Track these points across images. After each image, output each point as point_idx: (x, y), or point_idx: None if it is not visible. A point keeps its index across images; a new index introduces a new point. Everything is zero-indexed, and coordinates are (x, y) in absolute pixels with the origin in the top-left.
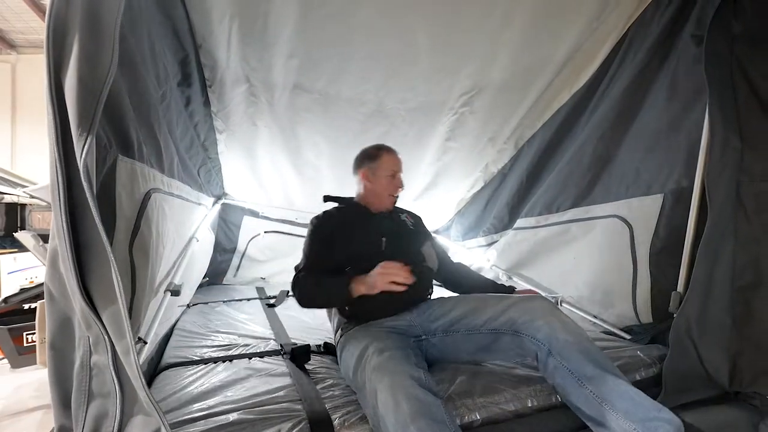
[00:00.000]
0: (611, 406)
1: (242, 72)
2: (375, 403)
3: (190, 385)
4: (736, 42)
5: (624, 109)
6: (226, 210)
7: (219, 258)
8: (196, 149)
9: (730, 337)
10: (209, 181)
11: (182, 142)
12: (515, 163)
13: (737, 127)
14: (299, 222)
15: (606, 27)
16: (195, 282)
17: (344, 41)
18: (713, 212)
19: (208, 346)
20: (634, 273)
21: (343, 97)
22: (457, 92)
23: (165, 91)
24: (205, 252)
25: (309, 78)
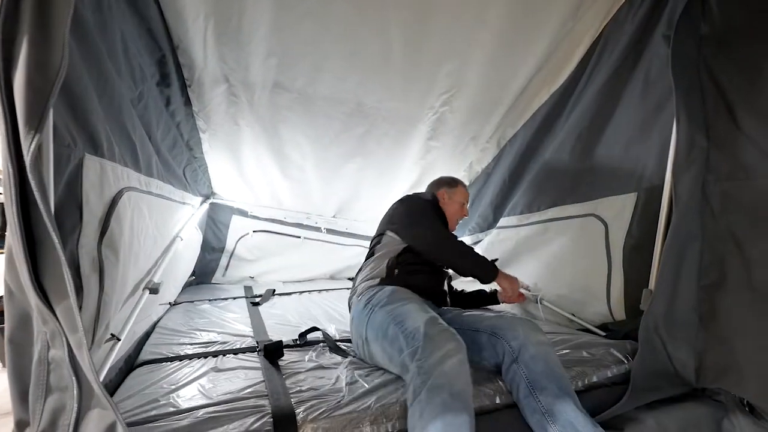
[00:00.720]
0: (553, 420)
1: (220, 72)
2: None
3: (162, 381)
4: (703, 43)
5: (600, 109)
6: (215, 209)
7: (208, 257)
8: (180, 149)
9: (696, 334)
10: (196, 180)
11: (164, 142)
12: (498, 162)
13: (704, 126)
14: (288, 221)
15: (582, 26)
16: (180, 281)
17: (320, 40)
18: (679, 211)
19: (187, 344)
20: (608, 271)
21: (322, 96)
22: (435, 91)
23: (142, 90)
24: (192, 251)
25: (288, 77)
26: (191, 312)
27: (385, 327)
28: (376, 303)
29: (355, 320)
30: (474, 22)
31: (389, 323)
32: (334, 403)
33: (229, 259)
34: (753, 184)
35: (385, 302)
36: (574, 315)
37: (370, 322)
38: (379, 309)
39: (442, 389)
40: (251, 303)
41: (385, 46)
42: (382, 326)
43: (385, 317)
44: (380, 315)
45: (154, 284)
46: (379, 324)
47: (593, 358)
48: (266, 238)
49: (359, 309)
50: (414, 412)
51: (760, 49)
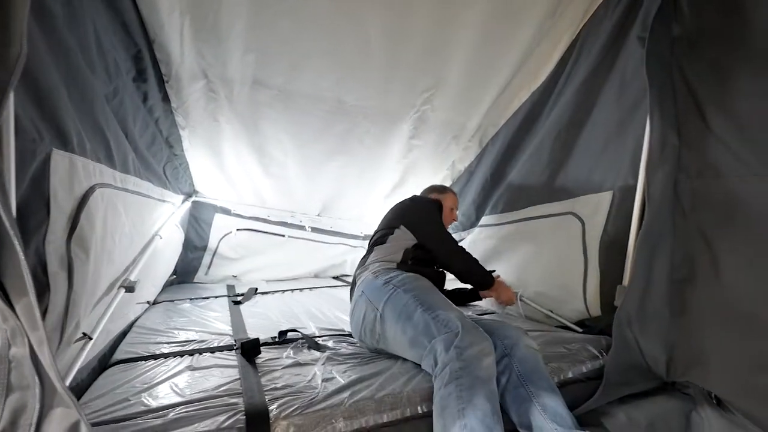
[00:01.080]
0: (544, 409)
1: (198, 67)
2: (425, 307)
3: (135, 380)
4: (675, 43)
5: (578, 108)
6: (197, 207)
7: (190, 256)
8: (159, 146)
9: (667, 329)
10: (177, 178)
11: (142, 139)
12: (480, 161)
13: (676, 125)
14: (272, 220)
15: (560, 26)
16: (160, 279)
17: (298, 37)
18: (652, 208)
19: (164, 343)
20: (585, 268)
21: (302, 93)
22: (416, 90)
23: (117, 86)
24: (173, 249)
25: (267, 73)
26: (171, 311)
27: (410, 310)
28: (399, 284)
29: (369, 293)
30: (454, 20)
31: (416, 308)
32: (308, 400)
33: (212, 258)
34: (721, 183)
35: (411, 287)
36: (552, 312)
37: (390, 300)
38: (403, 291)
39: (483, 382)
40: (233, 302)
41: (364, 44)
42: (406, 309)
43: (412, 301)
44: (405, 298)
45: (131, 282)
46: (403, 306)
47: (569, 353)
48: (250, 237)
49: (377, 284)
50: (450, 392)
51: (727, 50)
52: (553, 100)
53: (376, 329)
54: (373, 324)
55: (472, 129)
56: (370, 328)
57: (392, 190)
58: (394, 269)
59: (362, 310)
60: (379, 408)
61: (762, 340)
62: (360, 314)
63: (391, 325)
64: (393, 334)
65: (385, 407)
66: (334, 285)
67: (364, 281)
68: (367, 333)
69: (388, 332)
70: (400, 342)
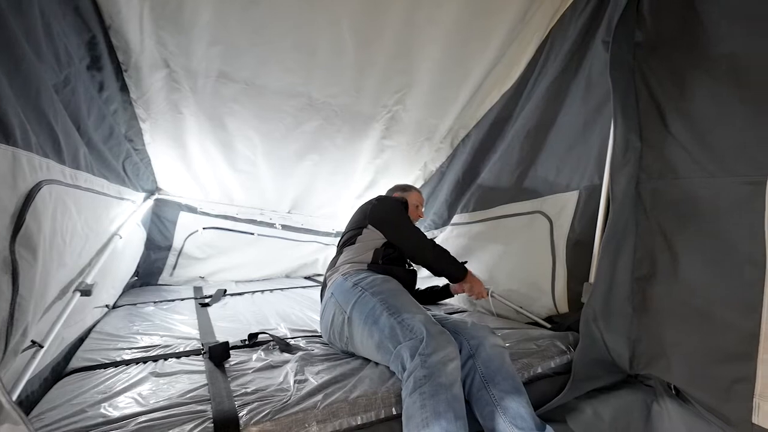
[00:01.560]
0: (504, 412)
1: (160, 56)
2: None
3: (93, 390)
4: (637, 49)
5: (546, 109)
6: (161, 206)
7: (153, 256)
8: (117, 140)
9: (630, 324)
10: (138, 174)
11: (98, 132)
12: (452, 161)
13: (638, 128)
14: (240, 218)
15: (530, 29)
16: (119, 282)
17: (268, 31)
18: (615, 207)
19: (125, 349)
20: (553, 266)
21: (271, 89)
22: (388, 89)
23: (68, 74)
24: (134, 250)
25: (234, 67)
26: (133, 315)
27: (376, 314)
28: (367, 287)
29: (338, 296)
30: (426, 21)
31: (382, 312)
32: (280, 404)
33: (177, 258)
34: (679, 183)
35: (378, 290)
36: (522, 308)
37: (358, 303)
38: (371, 295)
39: (446, 389)
40: (200, 304)
41: (336, 41)
42: (373, 312)
43: (378, 305)
44: (372, 301)
45: (87, 286)
46: (370, 309)
47: (539, 349)
48: (218, 236)
49: (346, 287)
50: (414, 401)
51: (685, 56)
52: (522, 102)
53: (344, 332)
54: (342, 327)
55: (444, 130)
56: (339, 331)
57: (364, 190)
58: (365, 270)
59: (331, 312)
60: (353, 410)
61: (716, 335)
62: (329, 316)
63: (358, 328)
64: (360, 338)
65: (359, 409)
66: (305, 285)
67: (334, 283)
68: (335, 335)
69: (355, 336)
70: (366, 346)
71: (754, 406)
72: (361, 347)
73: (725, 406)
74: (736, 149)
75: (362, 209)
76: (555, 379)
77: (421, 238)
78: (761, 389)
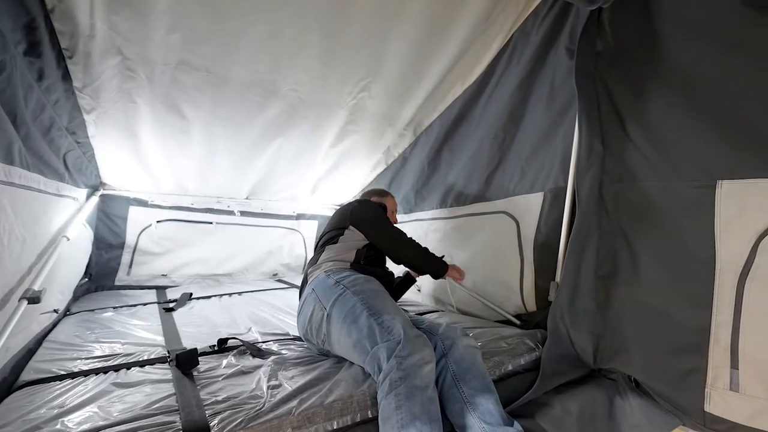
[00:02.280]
0: (474, 409)
1: (112, 43)
2: (371, 312)
3: (48, 404)
4: (598, 58)
5: (512, 112)
6: (107, 202)
7: (105, 255)
8: (58, 132)
9: (594, 321)
10: (80, 169)
11: (36, 124)
12: (415, 148)
13: (600, 133)
14: (196, 207)
15: (493, 29)
16: (68, 286)
17: (233, 17)
18: (581, 210)
19: (83, 358)
20: (521, 266)
21: (234, 76)
22: (354, 77)
23: (3, 60)
24: (82, 251)
25: (195, 54)
26: (90, 322)
27: (356, 314)
28: (348, 285)
29: (319, 292)
30: (392, 14)
31: (363, 311)
32: (254, 412)
33: (133, 255)
34: (637, 186)
35: (359, 289)
36: (488, 300)
37: (339, 300)
38: (352, 293)
39: (421, 391)
40: (164, 309)
41: (302, 29)
42: (353, 312)
43: (359, 304)
44: (353, 300)
45: (34, 293)
46: (350, 308)
47: (509, 347)
48: (174, 228)
49: (328, 284)
50: (390, 402)
51: (642, 67)
52: (485, 100)
53: (323, 329)
54: (320, 323)
55: (407, 118)
56: (317, 327)
57: (327, 173)
58: (348, 269)
59: (310, 308)
60: (329, 415)
61: (672, 330)
62: (308, 312)
63: (336, 326)
64: (338, 336)
65: (335, 413)
66: (273, 288)
67: (316, 279)
68: (313, 332)
69: (333, 333)
70: (344, 344)
71: (706, 396)
72: (338, 345)
73: (680, 396)
74: (688, 155)
75: (342, 211)
76: (525, 375)
77: (404, 239)
78: (712, 380)
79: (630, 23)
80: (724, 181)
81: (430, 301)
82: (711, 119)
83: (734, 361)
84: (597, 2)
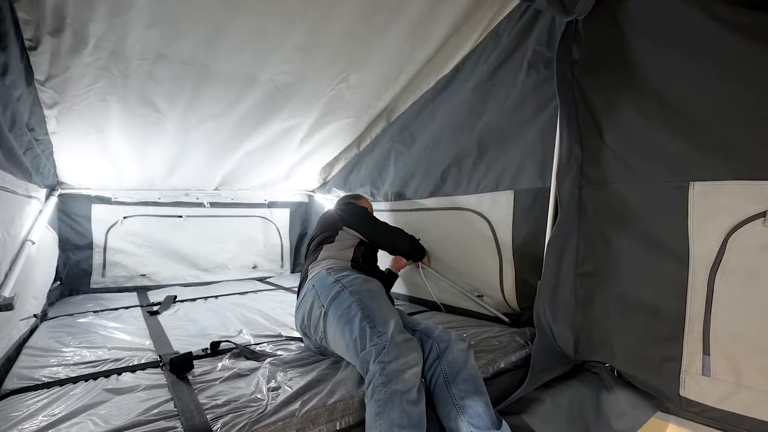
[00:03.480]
0: (463, 412)
1: (83, 37)
2: (366, 313)
3: (38, 414)
4: (575, 66)
5: (472, 107)
6: (67, 201)
7: (74, 257)
8: (20, 129)
9: (574, 315)
10: (38, 168)
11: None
12: (386, 133)
13: (579, 138)
14: (164, 201)
15: (468, 27)
16: (41, 291)
17: (215, 10)
18: (562, 211)
19: (67, 365)
20: (500, 265)
21: (213, 69)
22: (333, 70)
23: None
24: (49, 254)
25: (173, 49)
26: (69, 327)
27: (352, 314)
28: (347, 284)
29: (318, 288)
30: (374, 9)
31: (357, 312)
32: (256, 415)
33: (104, 255)
34: (612, 188)
35: (356, 289)
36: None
37: (337, 298)
38: (349, 293)
39: (401, 395)
40: (148, 312)
41: (287, 23)
42: (349, 312)
43: (354, 305)
44: (349, 300)
45: (6, 299)
46: (346, 308)
47: (500, 345)
48: (142, 223)
49: (328, 281)
50: (371, 409)
51: (615, 75)
52: (454, 91)
53: (320, 326)
54: (318, 320)
55: (382, 106)
56: (315, 324)
57: (301, 160)
58: (348, 268)
59: (309, 304)
60: (332, 416)
61: (649, 322)
62: (306, 307)
63: (332, 325)
64: (333, 335)
65: (338, 414)
66: (260, 289)
67: (317, 276)
68: (311, 328)
69: (329, 332)
70: (338, 344)
71: (681, 381)
72: (333, 344)
73: (659, 383)
74: (662, 158)
75: (330, 216)
76: (516, 372)
77: (398, 231)
78: (686, 366)
79: (603, 34)
80: (696, 182)
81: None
82: (681, 125)
83: (706, 348)
84: (573, 14)
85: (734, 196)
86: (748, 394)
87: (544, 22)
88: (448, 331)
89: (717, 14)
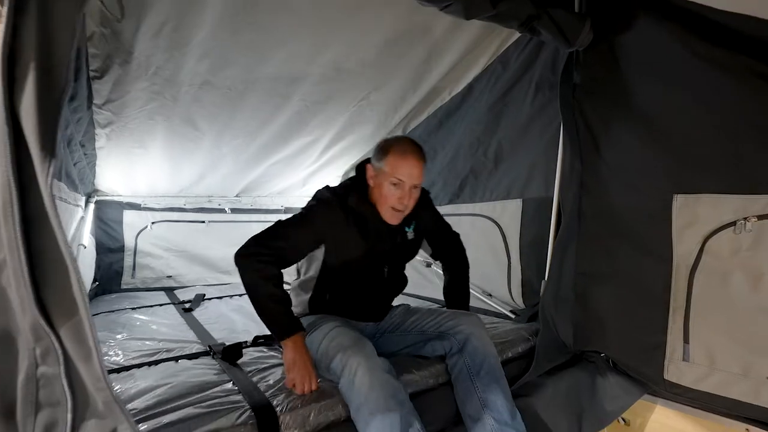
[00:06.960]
0: (486, 406)
1: (145, 67)
2: (351, 377)
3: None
4: (576, 89)
5: (487, 125)
6: (101, 207)
7: (106, 260)
8: (74, 146)
9: (574, 309)
10: (82, 179)
11: (63, 140)
12: None
13: (579, 154)
14: (188, 208)
15: (480, 49)
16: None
17: (259, 46)
18: (565, 218)
19: (127, 353)
20: (508, 266)
21: (253, 93)
22: (359, 90)
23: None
24: (90, 257)
25: (218, 77)
26: (113, 323)
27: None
28: (314, 341)
29: None
30: (403, 33)
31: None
32: None
33: (134, 258)
34: (608, 198)
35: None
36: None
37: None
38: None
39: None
40: (183, 309)
41: (319, 49)
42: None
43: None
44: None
45: None
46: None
47: (508, 338)
48: (168, 228)
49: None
50: None
51: (610, 100)
52: (467, 108)
53: None
54: None
55: (398, 119)
56: None
57: (319, 168)
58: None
59: None
60: None
61: (639, 315)
62: None
63: None
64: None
65: None
66: None
67: None
68: None
69: None
70: None
71: (665, 366)
72: None
73: (646, 368)
74: (650, 173)
75: None
76: (521, 361)
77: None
78: (670, 353)
79: (601, 63)
80: (678, 194)
81: None
82: (666, 145)
83: (686, 337)
84: (574, 46)
85: (710, 207)
86: (720, 375)
87: (549, 50)
88: (464, 320)
89: (696, 50)
